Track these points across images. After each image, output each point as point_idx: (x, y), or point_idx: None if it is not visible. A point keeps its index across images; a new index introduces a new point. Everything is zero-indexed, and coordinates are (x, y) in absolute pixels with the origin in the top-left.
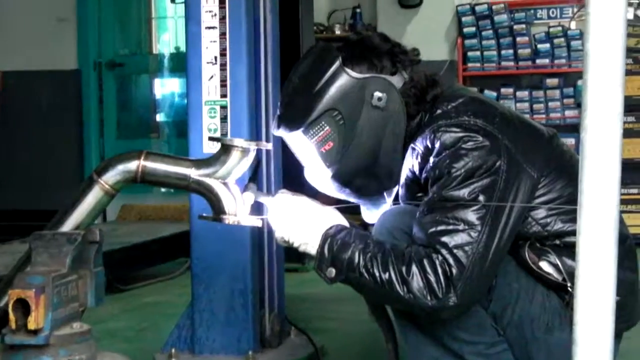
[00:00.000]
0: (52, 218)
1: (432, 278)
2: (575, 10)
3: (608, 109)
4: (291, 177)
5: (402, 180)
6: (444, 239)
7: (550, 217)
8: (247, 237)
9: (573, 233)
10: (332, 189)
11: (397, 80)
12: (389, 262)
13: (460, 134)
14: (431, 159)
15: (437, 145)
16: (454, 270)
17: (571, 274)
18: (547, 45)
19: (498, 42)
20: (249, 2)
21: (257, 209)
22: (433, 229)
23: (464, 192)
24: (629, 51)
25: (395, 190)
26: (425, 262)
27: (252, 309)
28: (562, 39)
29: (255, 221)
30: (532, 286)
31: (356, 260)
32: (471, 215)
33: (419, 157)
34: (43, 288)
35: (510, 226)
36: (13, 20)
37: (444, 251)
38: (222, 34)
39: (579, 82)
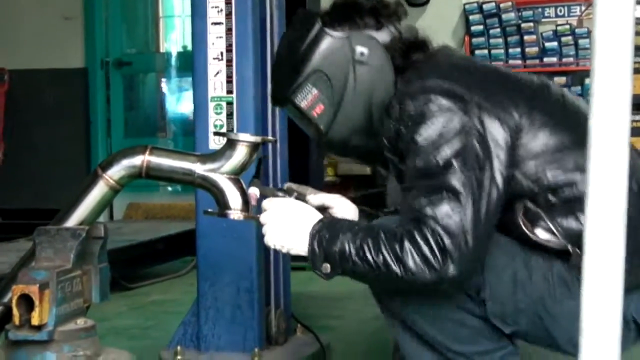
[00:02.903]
0: None
1: (426, 251)
2: (583, 8)
3: (616, 105)
4: (297, 170)
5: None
6: (430, 210)
7: (539, 168)
8: (253, 234)
9: (566, 184)
10: (339, 152)
11: (383, 36)
12: (381, 244)
13: (422, 99)
14: (400, 125)
15: (402, 115)
16: (446, 240)
17: (569, 236)
18: (555, 43)
19: (506, 40)
20: None
21: (260, 205)
22: (417, 203)
23: (436, 160)
24: (638, 49)
25: None
26: (417, 236)
27: (258, 307)
28: (570, 37)
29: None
30: (529, 266)
31: (347, 249)
32: (451, 181)
33: (393, 120)
34: (47, 283)
35: (497, 182)
36: (20, 18)
37: (432, 223)
38: (228, 30)
39: (587, 81)
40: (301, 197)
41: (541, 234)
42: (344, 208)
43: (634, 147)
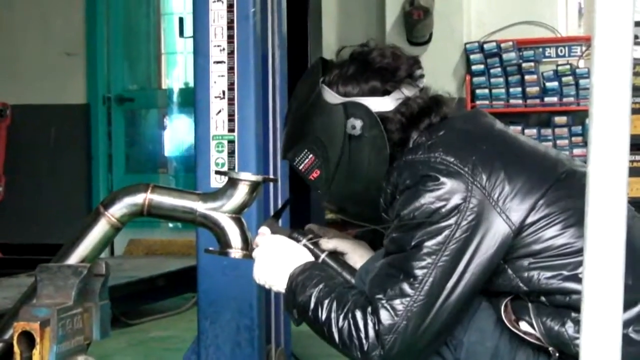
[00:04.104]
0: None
1: (360, 330)
2: (584, 49)
3: (614, 143)
4: (298, 208)
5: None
6: (381, 289)
7: (533, 270)
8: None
9: (559, 292)
10: (338, 213)
11: (386, 103)
12: (332, 309)
13: (421, 173)
14: (396, 197)
15: (399, 182)
16: (384, 325)
17: (550, 336)
18: (556, 83)
19: (506, 79)
20: (257, 37)
21: None
22: (375, 278)
23: (409, 238)
24: (636, 90)
25: None
26: (357, 313)
27: (258, 345)
28: (571, 77)
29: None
30: (514, 347)
31: (309, 303)
32: (413, 265)
33: (388, 193)
34: (48, 321)
35: (465, 281)
36: (22, 54)
37: (377, 303)
38: (230, 69)
39: (587, 121)
40: (316, 240)
41: (524, 326)
42: (360, 254)
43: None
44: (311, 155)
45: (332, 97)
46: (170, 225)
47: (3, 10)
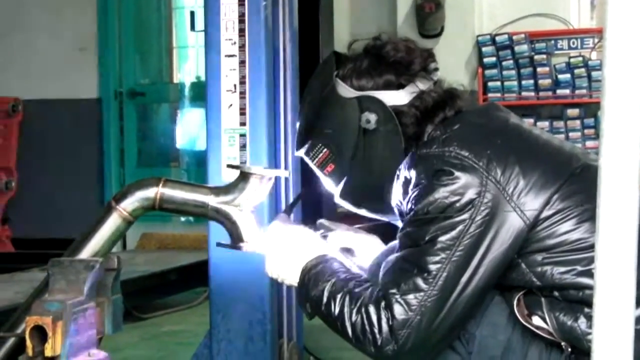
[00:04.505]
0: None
1: (374, 325)
2: (596, 40)
3: (626, 136)
4: (310, 201)
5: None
6: (394, 284)
7: (547, 265)
8: None
9: (572, 287)
10: (352, 207)
11: (401, 97)
12: (344, 304)
13: (436, 167)
14: (409, 191)
15: (413, 176)
16: (397, 319)
17: (563, 331)
18: (568, 75)
19: (519, 72)
20: (268, 31)
21: None
22: (388, 272)
23: (423, 233)
24: None
25: None
26: (371, 308)
27: (270, 339)
28: (583, 70)
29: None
30: (527, 341)
31: (322, 298)
32: (427, 260)
33: (402, 186)
34: (60, 315)
35: (479, 276)
36: (34, 49)
37: (391, 298)
38: (242, 62)
39: (600, 113)
40: (327, 235)
41: (536, 321)
42: (372, 248)
43: None
44: (325, 150)
45: (346, 91)
46: (183, 219)
47: (15, 6)
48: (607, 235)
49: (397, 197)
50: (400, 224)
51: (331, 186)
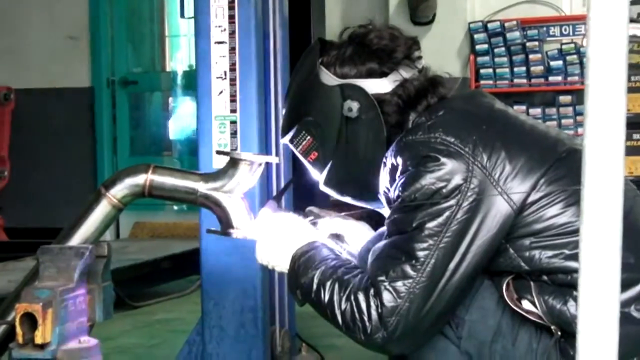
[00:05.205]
0: None
1: (363, 313)
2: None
3: (611, 115)
4: (301, 189)
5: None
6: (383, 271)
7: (535, 249)
8: None
9: (561, 270)
10: (337, 194)
11: (384, 85)
12: (334, 291)
13: (422, 153)
14: (396, 178)
15: (400, 163)
16: (386, 307)
17: (552, 315)
18: (560, 62)
19: (510, 59)
20: (258, 17)
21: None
22: (377, 259)
23: (410, 220)
24: (636, 68)
25: None
26: (360, 295)
27: (263, 325)
28: (575, 56)
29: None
30: (517, 325)
31: (312, 285)
32: (415, 247)
33: (388, 173)
34: (50, 302)
35: (467, 262)
36: (26, 38)
37: (380, 285)
38: (232, 49)
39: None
40: (317, 222)
41: (525, 305)
42: (362, 235)
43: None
44: (309, 137)
45: (329, 78)
46: (175, 207)
47: None
48: (591, 217)
49: (384, 184)
50: (386, 211)
51: (316, 174)
